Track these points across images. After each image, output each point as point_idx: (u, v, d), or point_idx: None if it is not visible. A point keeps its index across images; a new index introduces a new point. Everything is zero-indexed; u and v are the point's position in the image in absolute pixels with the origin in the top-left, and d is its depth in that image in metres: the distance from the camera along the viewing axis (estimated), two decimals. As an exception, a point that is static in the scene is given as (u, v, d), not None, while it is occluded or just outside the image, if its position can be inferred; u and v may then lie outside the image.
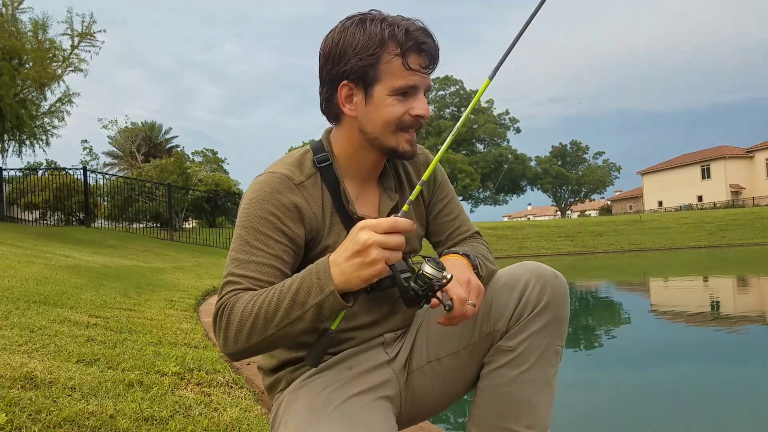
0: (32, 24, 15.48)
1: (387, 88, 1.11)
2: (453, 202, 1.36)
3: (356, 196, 1.22)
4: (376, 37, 1.10)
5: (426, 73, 1.14)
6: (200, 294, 5.72)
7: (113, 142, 37.61)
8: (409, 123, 1.14)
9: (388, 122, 1.13)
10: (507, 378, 1.14)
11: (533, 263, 1.20)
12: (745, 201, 47.12)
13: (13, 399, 1.53)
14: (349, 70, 1.11)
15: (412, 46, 1.10)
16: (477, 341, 1.17)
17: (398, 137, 1.15)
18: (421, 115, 1.14)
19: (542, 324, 1.13)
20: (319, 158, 1.20)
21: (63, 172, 17.74)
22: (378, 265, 0.93)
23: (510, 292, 1.16)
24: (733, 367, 3.72)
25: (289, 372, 1.21)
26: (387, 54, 1.10)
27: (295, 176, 1.17)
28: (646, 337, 4.99)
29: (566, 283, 1.18)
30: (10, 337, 2.30)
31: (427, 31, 1.13)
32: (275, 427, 1.15)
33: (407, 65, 1.10)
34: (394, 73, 1.10)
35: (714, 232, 25.80)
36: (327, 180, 1.19)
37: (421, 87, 1.14)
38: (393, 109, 1.12)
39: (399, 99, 1.12)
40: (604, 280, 11.55)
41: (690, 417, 2.74)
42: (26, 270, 4.91)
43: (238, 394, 2.09)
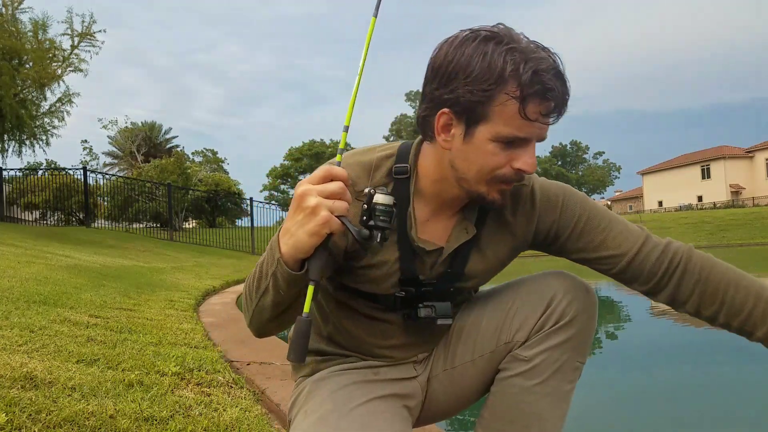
0: (32, 24, 15.49)
1: (492, 133, 0.94)
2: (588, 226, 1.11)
3: (426, 218, 1.09)
4: (495, 69, 0.91)
5: (545, 123, 0.95)
6: (200, 294, 5.72)
7: (113, 142, 37.65)
8: (507, 176, 0.98)
9: (482, 170, 0.98)
10: (519, 388, 1.08)
11: (566, 273, 1.12)
12: (745, 201, 47.12)
13: (13, 399, 1.53)
14: (454, 99, 0.95)
15: (537, 91, 0.91)
16: (495, 350, 1.12)
17: (491, 186, 1.00)
18: (524, 170, 0.97)
19: (563, 339, 1.07)
20: (398, 169, 1.07)
21: (63, 172, 17.74)
22: (320, 212, 0.83)
23: (536, 302, 1.09)
24: (733, 367, 3.72)
25: (316, 362, 1.20)
26: (503, 94, 0.92)
27: (359, 182, 1.05)
28: (646, 338, 4.99)
29: (596, 299, 1.11)
30: (10, 337, 2.30)
31: (560, 73, 0.94)
32: (294, 411, 1.14)
33: (524, 114, 0.92)
34: (505, 119, 0.93)
35: (714, 233, 25.81)
36: (398, 194, 1.06)
37: (534, 138, 0.96)
38: (493, 158, 0.96)
39: (503, 147, 0.95)
40: (604, 280, 11.55)
41: (690, 417, 2.74)
42: (26, 270, 4.91)
43: (238, 394, 2.09)
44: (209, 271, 8.78)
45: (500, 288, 1.19)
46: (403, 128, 57.94)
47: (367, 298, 1.12)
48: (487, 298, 1.19)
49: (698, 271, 1.07)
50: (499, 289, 1.18)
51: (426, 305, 1.09)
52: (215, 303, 5.54)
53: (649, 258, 1.08)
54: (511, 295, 1.13)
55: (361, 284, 1.10)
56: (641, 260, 1.08)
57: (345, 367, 1.16)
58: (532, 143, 0.97)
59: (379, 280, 1.09)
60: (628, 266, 1.09)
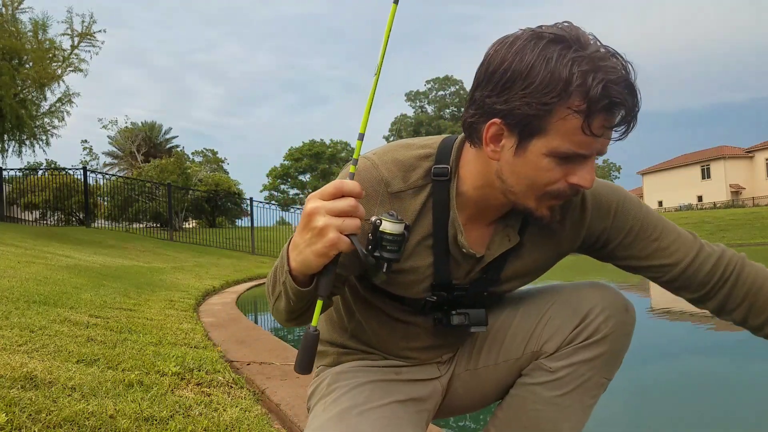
0: (32, 24, 15.50)
1: (548, 147, 0.86)
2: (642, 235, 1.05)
3: (464, 224, 1.01)
4: (559, 81, 0.82)
5: (609, 138, 0.88)
6: (200, 294, 5.72)
7: (113, 142, 37.64)
8: (561, 192, 0.90)
9: (534, 186, 0.90)
10: (540, 397, 1.05)
11: (607, 287, 1.06)
12: (745, 201, 47.12)
13: (13, 399, 1.53)
14: (508, 111, 0.86)
15: (605, 106, 0.82)
16: (521, 357, 1.09)
17: (540, 202, 0.92)
18: (582, 186, 0.89)
19: (593, 355, 1.02)
20: (438, 170, 0.99)
21: (63, 172, 17.75)
22: (328, 234, 0.79)
23: (570, 314, 1.04)
24: (732, 367, 3.72)
25: (339, 353, 1.18)
26: (566, 109, 0.83)
27: (394, 182, 0.98)
28: (646, 337, 4.99)
29: (634, 319, 1.07)
30: (10, 337, 2.30)
31: (632, 84, 0.84)
32: (313, 401, 1.13)
33: (588, 130, 0.83)
34: (565, 134, 0.84)
35: (714, 232, 25.80)
36: (437, 197, 0.99)
37: (593, 154, 0.88)
38: (547, 174, 0.88)
39: (558, 162, 0.87)
40: (604, 281, 11.53)
41: (689, 416, 2.74)
42: (26, 270, 4.91)
43: (238, 394, 2.09)
44: (209, 271, 8.78)
45: (535, 292, 1.14)
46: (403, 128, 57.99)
47: (396, 299, 1.08)
48: (519, 302, 1.14)
49: (750, 282, 1.03)
50: (534, 294, 1.13)
51: (459, 312, 1.04)
52: (215, 303, 5.54)
53: (702, 268, 1.04)
54: (545, 303, 1.08)
55: (392, 287, 1.06)
56: (694, 270, 1.04)
57: (367, 364, 1.14)
58: (592, 158, 0.89)
59: (410, 285, 1.04)
60: (680, 276, 1.05)
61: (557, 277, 1.32)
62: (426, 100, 57.10)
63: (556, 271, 1.22)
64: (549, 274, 1.16)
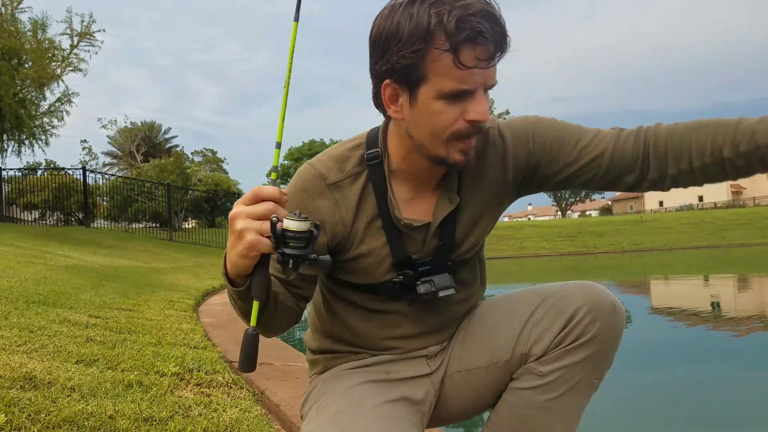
0: (31, 24, 15.49)
1: (434, 91, 0.92)
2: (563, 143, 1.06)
3: (410, 197, 1.08)
4: (421, 27, 0.89)
5: (486, 68, 0.91)
6: (200, 294, 5.72)
7: (112, 142, 37.63)
8: (464, 131, 0.95)
9: (435, 131, 0.95)
10: (532, 401, 1.05)
11: (596, 288, 1.05)
12: (746, 201, 47.15)
13: (12, 399, 1.53)
14: (391, 68, 0.93)
15: (467, 37, 0.88)
16: (510, 360, 1.09)
17: (450, 147, 0.97)
18: (477, 120, 0.94)
19: (582, 357, 1.03)
20: (370, 155, 1.07)
21: (62, 172, 17.75)
22: (246, 236, 0.85)
23: (557, 314, 1.04)
24: (733, 367, 3.71)
25: (327, 359, 1.19)
26: (434, 50, 0.89)
27: (330, 174, 1.06)
28: (646, 337, 4.98)
29: (624, 319, 1.06)
30: (10, 338, 2.30)
31: (490, 13, 0.89)
32: (305, 408, 1.14)
33: (459, 63, 0.89)
34: (443, 73, 0.90)
35: (715, 232, 25.79)
36: (375, 180, 1.06)
37: (480, 86, 0.92)
38: (442, 116, 0.93)
39: (450, 103, 0.92)
40: (604, 281, 11.55)
41: (689, 416, 2.74)
42: (25, 270, 4.90)
43: (237, 395, 2.09)
44: (209, 272, 8.78)
45: (521, 292, 1.15)
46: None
47: (368, 291, 1.11)
48: (508, 302, 1.15)
49: (666, 132, 1.02)
50: (521, 294, 1.14)
51: (424, 281, 1.07)
52: (215, 303, 5.54)
53: (627, 146, 1.03)
54: (531, 303, 1.09)
55: (356, 277, 1.10)
56: (621, 151, 1.03)
57: (357, 365, 1.15)
58: (479, 91, 0.93)
59: (372, 269, 1.08)
60: (611, 162, 1.04)
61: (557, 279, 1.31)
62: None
63: (556, 272, 1.21)
64: (545, 276, 1.16)
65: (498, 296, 1.19)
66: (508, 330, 1.10)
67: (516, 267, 16.45)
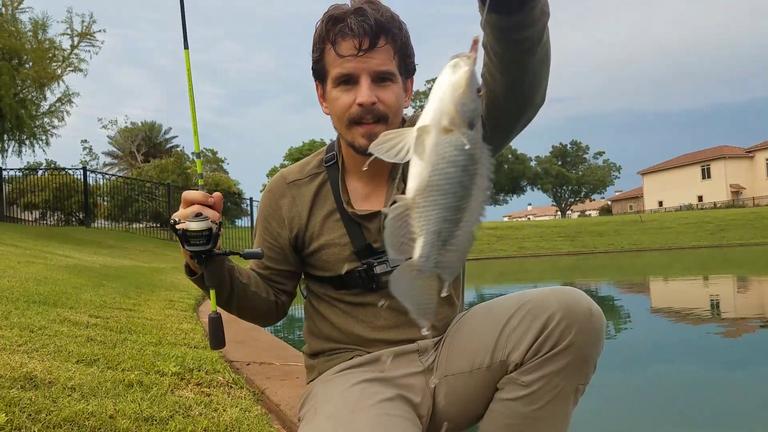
0: (32, 24, 15.50)
1: (331, 80, 1.10)
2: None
3: (368, 192, 1.20)
4: (319, 31, 1.11)
5: (363, 56, 1.06)
6: (200, 294, 5.71)
7: (113, 142, 37.61)
8: (356, 114, 1.09)
9: (338, 116, 1.12)
10: (518, 412, 1.06)
11: (571, 294, 1.07)
12: (746, 201, 47.13)
13: (12, 399, 1.53)
14: (312, 69, 1.15)
15: (340, 30, 1.07)
16: (491, 365, 1.09)
17: (353, 132, 1.11)
18: (360, 102, 1.07)
19: (562, 365, 1.02)
20: (327, 158, 1.23)
21: (63, 172, 17.74)
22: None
23: (531, 321, 1.05)
24: (733, 367, 3.72)
25: (322, 362, 1.24)
26: (327, 46, 1.09)
27: (290, 176, 1.24)
28: (646, 338, 4.98)
29: (602, 322, 1.06)
30: (10, 337, 2.30)
31: (362, 10, 1.06)
32: (303, 410, 1.17)
33: (338, 52, 1.07)
34: (332, 64, 1.09)
35: (714, 232, 25.79)
36: (332, 179, 1.21)
37: (362, 73, 1.07)
38: (338, 102, 1.10)
39: (343, 90, 1.09)
40: (604, 281, 11.54)
41: (689, 416, 2.74)
42: (26, 270, 4.90)
43: (238, 395, 2.09)
44: (209, 271, 8.76)
45: (503, 300, 1.16)
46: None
47: (340, 285, 1.19)
48: (489, 308, 1.17)
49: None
50: (502, 301, 1.15)
51: (380, 261, 1.15)
52: (215, 303, 5.53)
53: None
54: (507, 309, 1.10)
55: (323, 270, 1.20)
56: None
57: (350, 365, 1.17)
58: (363, 77, 1.07)
59: (334, 259, 1.18)
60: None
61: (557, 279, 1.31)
62: (426, 100, 56.96)
63: (556, 271, 1.21)
64: (545, 276, 1.16)
65: (479, 305, 1.22)
66: (485, 335, 1.11)
67: (516, 267, 16.45)
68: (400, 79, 1.11)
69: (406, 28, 1.11)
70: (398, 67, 1.10)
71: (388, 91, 1.08)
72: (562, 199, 61.18)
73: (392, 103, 1.09)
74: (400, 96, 1.11)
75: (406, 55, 1.12)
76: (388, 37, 1.07)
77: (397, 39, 1.08)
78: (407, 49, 1.12)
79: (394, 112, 1.09)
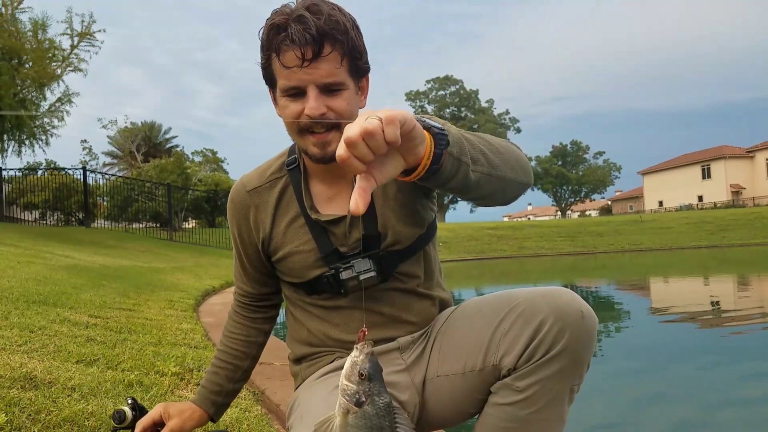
0: (32, 24, 15.48)
1: (280, 89, 1.05)
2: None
3: (331, 195, 1.16)
4: (263, 38, 1.04)
5: (308, 67, 1.00)
6: (200, 294, 5.72)
7: (113, 142, 37.54)
8: (306, 124, 1.04)
9: (288, 125, 1.08)
10: (514, 416, 1.05)
11: (562, 296, 1.04)
12: (746, 201, 47.12)
13: (12, 399, 1.53)
14: (262, 73, 1.09)
15: (283, 39, 0.99)
16: (483, 369, 1.08)
17: (305, 140, 1.07)
18: (308, 114, 1.02)
19: (557, 369, 1.01)
20: (289, 161, 1.18)
21: (62, 172, 17.73)
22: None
23: (524, 325, 1.03)
24: (732, 366, 3.71)
25: (305, 368, 1.23)
26: (271, 54, 1.03)
27: (250, 183, 1.20)
28: (646, 338, 4.98)
29: (594, 322, 1.03)
30: (10, 337, 2.30)
31: (303, 18, 0.98)
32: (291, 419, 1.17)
33: (283, 64, 1.01)
34: (279, 74, 1.04)
35: (714, 232, 25.79)
36: (294, 183, 1.17)
37: (309, 84, 1.01)
38: (288, 110, 1.05)
39: (291, 99, 1.04)
40: (604, 280, 11.54)
41: (689, 416, 2.74)
42: (26, 270, 4.90)
43: (238, 395, 2.09)
44: (209, 272, 8.77)
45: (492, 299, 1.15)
46: (403, 128, 57.58)
47: (310, 291, 1.18)
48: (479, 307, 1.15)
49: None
50: (491, 301, 1.14)
51: (346, 267, 1.12)
52: (215, 303, 5.54)
53: None
54: (499, 311, 1.08)
55: (293, 276, 1.18)
56: None
57: (331, 368, 1.17)
58: (310, 89, 1.01)
59: (301, 265, 1.15)
60: None
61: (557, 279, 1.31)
62: (426, 100, 57.00)
63: (556, 271, 1.21)
64: (545, 276, 1.15)
65: (470, 301, 1.20)
66: (477, 337, 1.10)
67: (516, 267, 16.44)
68: (351, 83, 1.06)
69: (353, 27, 1.04)
70: (348, 71, 1.05)
71: (338, 99, 1.04)
72: (562, 199, 61.16)
73: (343, 110, 1.04)
74: (352, 100, 1.06)
75: (356, 57, 1.05)
76: (333, 44, 1.00)
77: (344, 44, 1.01)
78: (356, 51, 1.04)
79: (347, 117, 1.05)
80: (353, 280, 1.11)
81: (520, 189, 1.02)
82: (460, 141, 0.85)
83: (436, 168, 0.80)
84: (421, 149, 0.76)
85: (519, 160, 0.99)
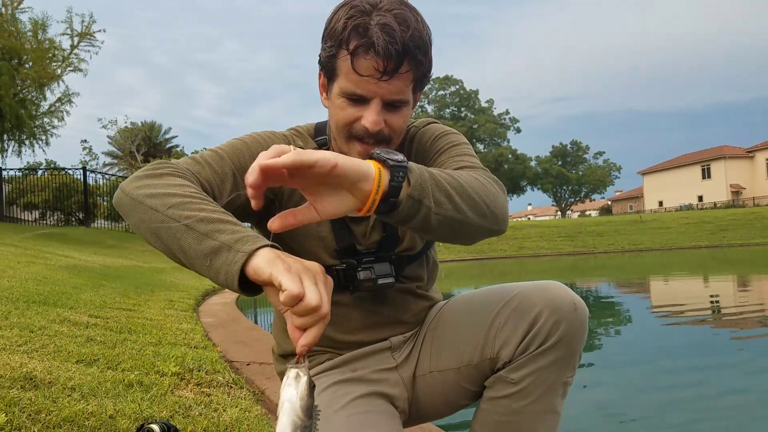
0: (32, 24, 15.50)
1: (339, 87, 0.99)
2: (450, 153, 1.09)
3: None
4: (336, 27, 0.95)
5: (380, 80, 0.94)
6: (200, 294, 5.72)
7: (113, 142, 37.58)
8: (359, 132, 1.00)
9: (338, 125, 1.02)
10: (509, 409, 1.06)
11: (555, 290, 1.05)
12: (746, 201, 47.14)
13: (12, 399, 1.53)
14: (320, 59, 1.01)
15: (364, 45, 0.93)
16: (479, 363, 1.09)
17: (350, 146, 1.02)
18: (366, 128, 0.98)
19: (551, 360, 1.03)
20: (319, 141, 1.14)
21: (62, 172, 17.74)
22: None
23: (519, 319, 1.04)
24: (732, 366, 3.72)
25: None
26: (342, 50, 0.95)
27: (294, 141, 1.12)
28: (646, 337, 4.99)
29: (586, 314, 1.05)
30: (10, 337, 2.30)
31: (391, 28, 0.92)
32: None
33: (355, 69, 0.94)
34: (346, 74, 0.96)
35: (714, 232, 25.80)
36: None
37: (375, 97, 0.97)
38: (342, 112, 1.00)
39: (350, 103, 0.98)
40: (604, 280, 11.54)
41: (689, 416, 2.74)
42: (26, 270, 4.90)
43: (237, 395, 2.09)
44: (209, 271, 8.76)
45: (484, 294, 1.15)
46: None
47: None
48: (471, 303, 1.16)
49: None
50: (484, 296, 1.14)
51: (365, 268, 1.09)
52: (215, 303, 5.54)
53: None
54: (496, 305, 1.09)
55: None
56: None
57: (322, 368, 1.17)
58: (375, 102, 0.97)
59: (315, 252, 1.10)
60: None
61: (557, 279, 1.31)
62: (426, 100, 57.00)
63: (556, 271, 1.21)
64: (545, 276, 1.15)
65: (459, 297, 1.20)
66: (473, 332, 1.10)
67: (516, 267, 16.45)
68: (412, 99, 1.03)
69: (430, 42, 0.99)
70: (413, 88, 1.02)
71: (397, 115, 1.00)
72: (562, 199, 61.17)
73: (399, 126, 1.02)
74: (408, 116, 1.04)
75: (425, 75, 1.02)
76: (411, 63, 0.96)
77: (422, 65, 0.98)
78: (428, 71, 1.02)
79: (399, 134, 1.04)
80: (369, 282, 1.08)
81: (487, 235, 0.99)
82: (423, 183, 0.82)
83: (394, 202, 0.79)
84: (365, 185, 0.75)
85: (492, 205, 0.94)
